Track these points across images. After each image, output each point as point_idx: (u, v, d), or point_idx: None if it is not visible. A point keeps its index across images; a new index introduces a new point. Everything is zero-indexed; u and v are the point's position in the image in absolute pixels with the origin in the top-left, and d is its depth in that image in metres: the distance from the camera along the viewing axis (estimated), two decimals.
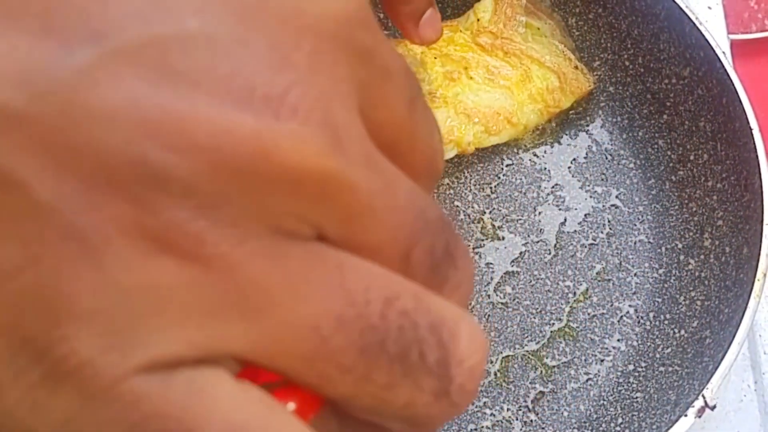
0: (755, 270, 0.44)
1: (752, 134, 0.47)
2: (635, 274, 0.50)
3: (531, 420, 0.46)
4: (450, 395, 0.17)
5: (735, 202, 0.48)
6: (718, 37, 0.55)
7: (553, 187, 0.53)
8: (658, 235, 0.51)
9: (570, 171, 0.53)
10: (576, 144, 0.54)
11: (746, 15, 0.66)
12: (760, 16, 0.66)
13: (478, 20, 0.54)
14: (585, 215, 0.52)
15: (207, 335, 0.15)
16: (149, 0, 0.15)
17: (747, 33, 0.66)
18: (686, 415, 0.41)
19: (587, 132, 0.55)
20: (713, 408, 0.41)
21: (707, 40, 0.49)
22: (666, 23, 0.52)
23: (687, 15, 0.50)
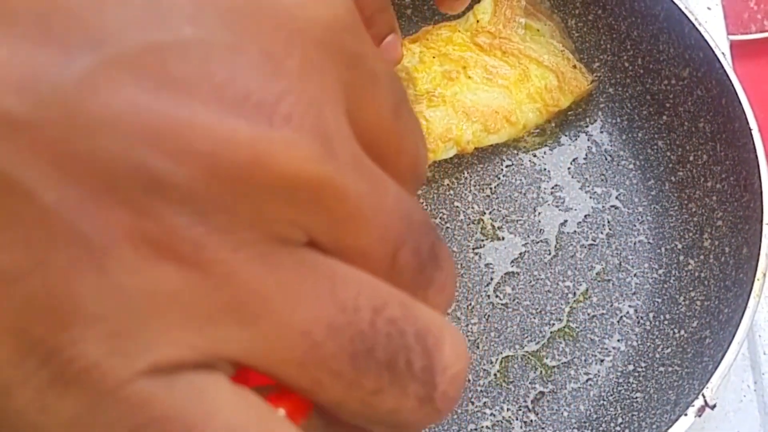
0: (755, 270, 0.44)
1: (751, 135, 0.47)
2: (635, 275, 0.50)
3: (531, 420, 0.47)
4: (434, 401, 0.17)
5: (734, 203, 0.48)
6: (718, 38, 0.55)
7: (553, 188, 0.53)
8: (658, 236, 0.51)
9: (570, 172, 0.53)
10: (576, 145, 0.54)
11: (746, 16, 0.66)
12: (760, 17, 0.66)
13: (478, 21, 0.54)
14: (585, 216, 0.52)
15: (207, 339, 0.15)
16: (145, 7, 0.15)
17: (746, 34, 0.66)
18: (686, 415, 0.41)
19: (587, 133, 0.55)
20: (713, 408, 0.41)
21: (706, 41, 0.49)
22: (665, 24, 0.52)
23: (686, 16, 0.50)
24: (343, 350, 0.16)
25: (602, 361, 0.48)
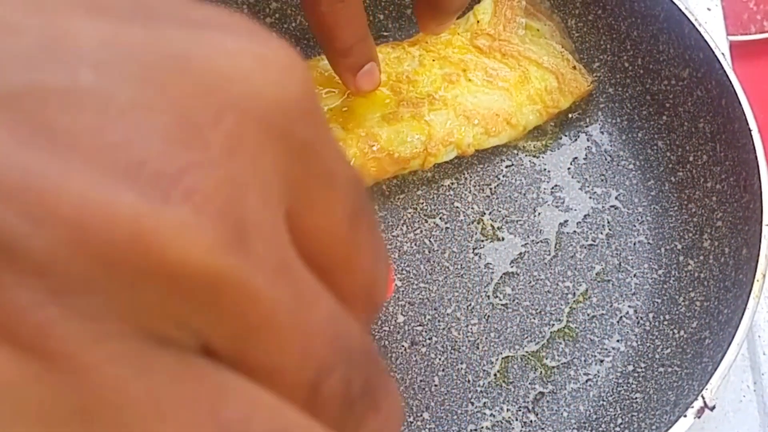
0: (754, 271, 0.44)
1: (751, 135, 0.47)
2: (635, 275, 0.50)
3: (531, 420, 0.47)
4: None
5: (734, 203, 0.48)
6: (718, 39, 0.55)
7: (553, 188, 0.53)
8: (658, 236, 0.51)
9: (569, 172, 0.53)
10: (575, 145, 0.54)
11: (745, 16, 0.66)
12: (759, 18, 0.66)
13: (478, 22, 0.54)
14: (584, 216, 0.52)
15: None
16: (41, 42, 0.13)
17: (746, 34, 0.66)
18: (685, 416, 0.41)
19: (587, 133, 0.55)
20: (712, 409, 0.42)
21: (706, 42, 0.49)
22: (665, 24, 0.52)
23: (686, 16, 0.50)
24: None
25: (602, 362, 0.48)
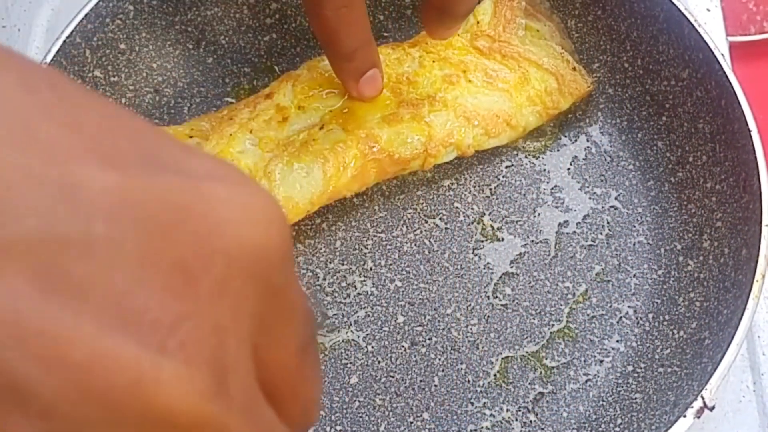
0: (754, 271, 0.44)
1: (751, 136, 0.47)
2: (634, 276, 0.50)
3: (530, 421, 0.47)
4: None
5: (734, 204, 0.48)
6: (717, 39, 0.55)
7: (553, 189, 0.53)
8: (657, 237, 0.51)
9: (569, 172, 0.53)
10: (575, 145, 0.54)
11: (745, 17, 0.66)
12: (759, 18, 0.66)
13: (478, 23, 0.54)
14: (584, 216, 0.52)
15: None
16: (58, 193, 0.14)
17: (746, 35, 0.66)
18: (685, 416, 0.41)
19: (586, 133, 0.55)
20: (712, 409, 0.42)
21: (706, 42, 0.49)
22: (665, 25, 0.52)
23: (686, 17, 0.50)
24: None
25: (601, 362, 0.48)
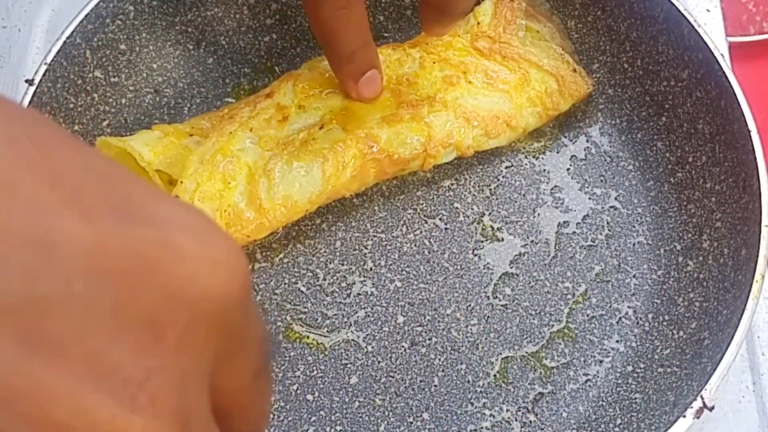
0: (753, 271, 0.44)
1: (750, 136, 0.47)
2: (634, 276, 0.50)
3: (530, 421, 0.47)
4: None
5: (733, 204, 0.48)
6: (717, 40, 0.55)
7: (552, 189, 0.53)
8: (657, 237, 0.51)
9: (569, 173, 0.54)
10: (575, 146, 0.54)
11: (744, 18, 0.66)
12: (759, 19, 0.66)
13: (478, 23, 0.54)
14: (584, 217, 0.52)
15: None
16: (39, 251, 0.15)
17: (745, 35, 0.66)
18: (685, 416, 0.41)
19: (586, 134, 0.55)
20: (711, 409, 0.42)
21: (705, 43, 0.49)
22: (664, 26, 0.52)
23: (685, 17, 0.50)
24: None
25: (601, 362, 0.48)
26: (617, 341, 0.49)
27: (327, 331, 0.49)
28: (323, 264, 0.51)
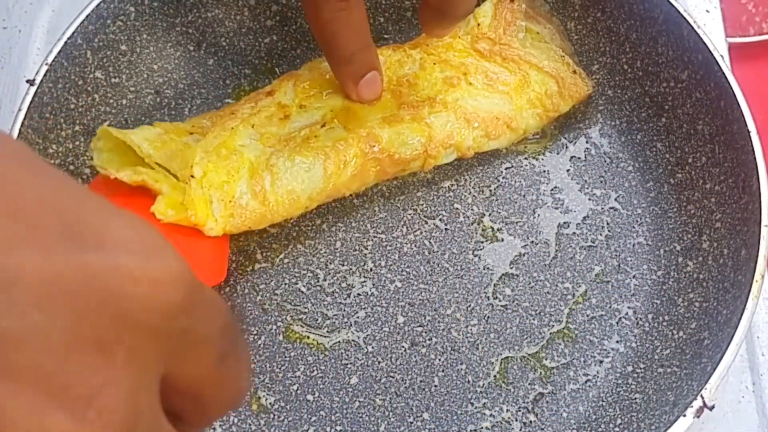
0: (753, 272, 0.44)
1: (750, 137, 0.47)
2: (634, 276, 0.50)
3: (530, 421, 0.47)
4: None
5: (733, 205, 0.48)
6: (716, 41, 0.55)
7: (552, 190, 0.53)
8: (657, 238, 0.51)
9: (569, 173, 0.54)
10: (575, 147, 0.54)
11: (744, 18, 0.67)
12: (758, 20, 0.66)
13: (479, 25, 0.54)
14: (584, 217, 0.52)
15: None
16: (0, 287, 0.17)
17: (745, 36, 0.66)
18: (685, 416, 0.41)
19: (586, 135, 0.55)
20: (711, 409, 0.42)
21: (705, 44, 0.49)
22: (664, 27, 0.52)
23: (685, 18, 0.51)
24: None
25: (601, 363, 0.48)
26: (617, 341, 0.49)
27: (327, 332, 0.49)
28: (323, 264, 0.51)
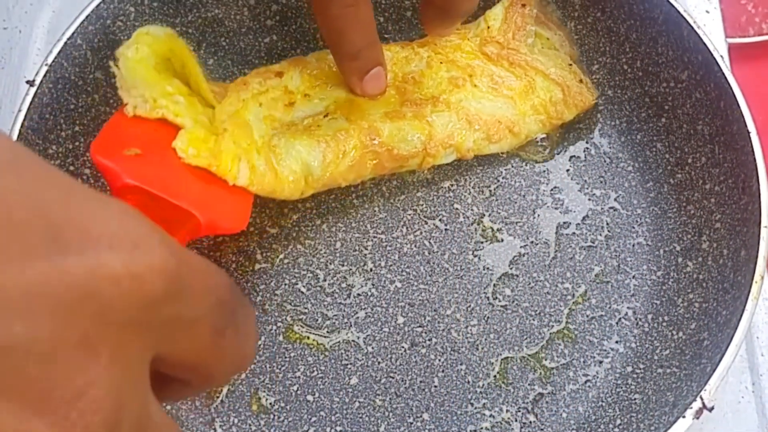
0: (753, 272, 0.44)
1: (750, 137, 0.47)
2: (634, 277, 0.51)
3: (530, 421, 0.47)
4: None
5: (733, 205, 0.48)
6: (716, 41, 0.55)
7: (552, 190, 0.53)
8: (657, 238, 0.51)
9: (569, 174, 0.54)
10: (575, 147, 0.55)
11: (744, 19, 0.67)
12: (758, 20, 0.66)
13: (488, 28, 0.54)
14: (583, 218, 0.52)
15: None
16: None
17: (744, 37, 0.66)
18: (684, 417, 0.41)
19: (586, 135, 0.55)
20: (711, 409, 0.42)
21: (705, 44, 0.49)
22: (664, 27, 0.52)
23: (685, 19, 0.51)
24: None
25: (601, 363, 0.48)
26: (617, 342, 0.49)
27: (327, 332, 0.49)
28: (323, 265, 0.51)
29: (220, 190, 0.43)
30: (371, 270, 0.51)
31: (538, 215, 0.52)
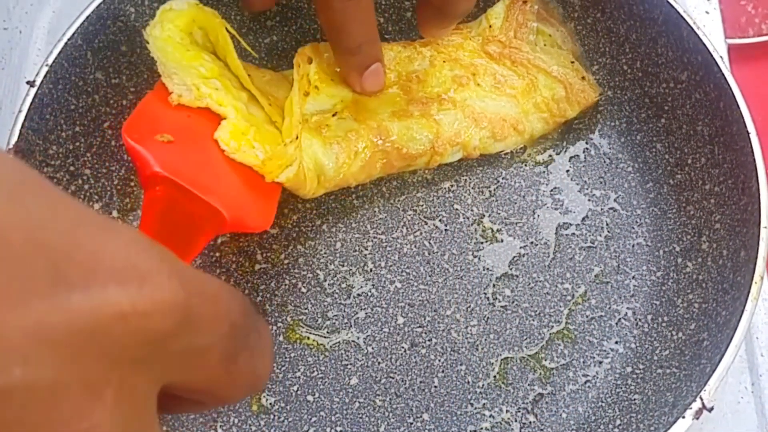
0: (752, 273, 0.44)
1: (749, 138, 0.47)
2: (633, 277, 0.51)
3: (530, 422, 0.47)
4: None
5: (732, 206, 0.48)
6: (716, 42, 0.55)
7: (552, 191, 0.53)
8: (656, 238, 0.52)
9: (568, 174, 0.54)
10: (574, 147, 0.55)
11: (743, 19, 0.67)
12: (757, 21, 0.66)
13: (490, 26, 0.54)
14: (583, 218, 0.52)
15: None
16: None
17: (744, 37, 0.66)
18: (684, 417, 0.41)
19: (586, 135, 0.55)
20: (711, 410, 0.42)
21: (705, 45, 0.49)
22: (664, 28, 0.52)
23: (684, 19, 0.51)
24: None
25: (600, 363, 0.48)
26: (616, 342, 0.49)
27: (327, 332, 0.49)
28: (324, 265, 0.51)
29: (249, 187, 0.42)
30: (371, 270, 0.51)
31: (538, 216, 0.52)
